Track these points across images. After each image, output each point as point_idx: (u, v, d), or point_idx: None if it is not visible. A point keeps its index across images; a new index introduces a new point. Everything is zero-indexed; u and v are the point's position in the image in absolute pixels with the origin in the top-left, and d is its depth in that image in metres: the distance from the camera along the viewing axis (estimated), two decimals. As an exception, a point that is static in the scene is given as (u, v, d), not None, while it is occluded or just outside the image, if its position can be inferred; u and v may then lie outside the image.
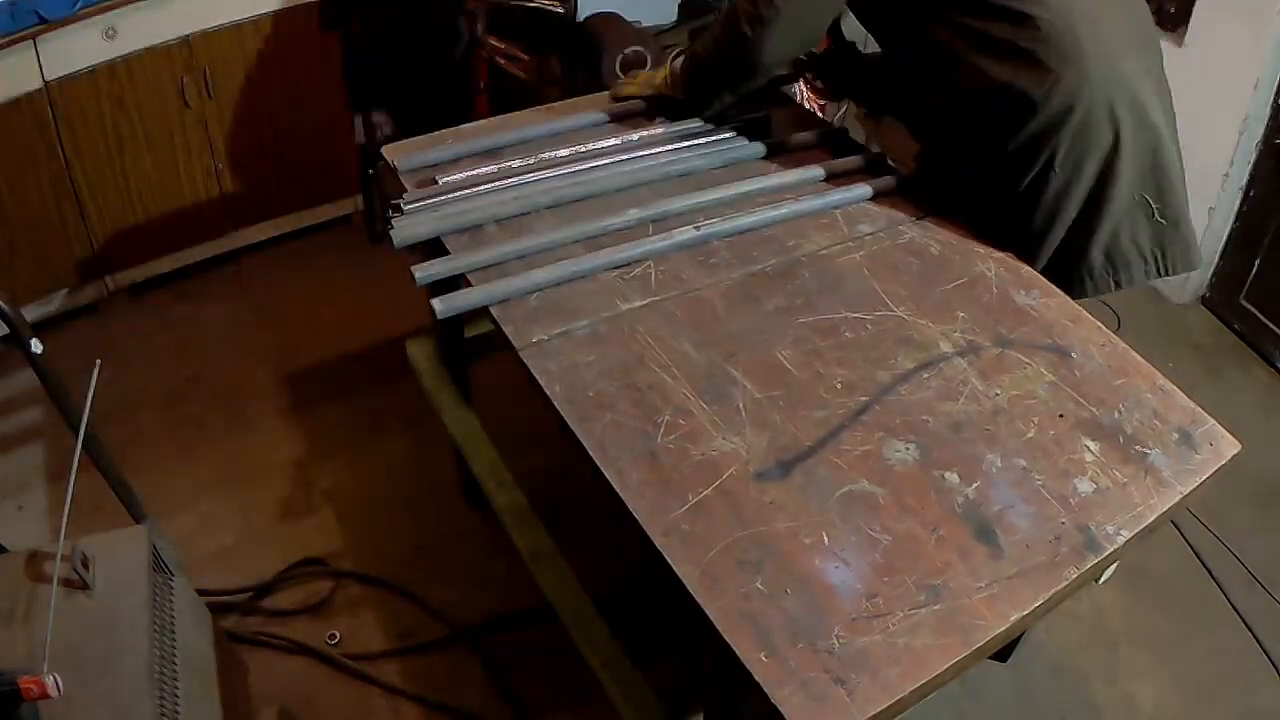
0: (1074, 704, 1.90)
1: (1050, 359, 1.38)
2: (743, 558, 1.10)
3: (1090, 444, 1.27)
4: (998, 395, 1.32)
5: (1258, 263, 2.68)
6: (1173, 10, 2.57)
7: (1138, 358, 1.41)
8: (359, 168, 2.83)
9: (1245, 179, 2.63)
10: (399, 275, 1.47)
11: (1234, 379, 2.65)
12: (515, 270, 1.46)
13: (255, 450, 2.31)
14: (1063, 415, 1.30)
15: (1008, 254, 1.56)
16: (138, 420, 2.35)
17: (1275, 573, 2.13)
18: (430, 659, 1.91)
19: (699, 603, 1.06)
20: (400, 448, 2.32)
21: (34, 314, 2.47)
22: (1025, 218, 1.53)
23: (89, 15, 2.18)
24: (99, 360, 1.31)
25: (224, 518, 2.15)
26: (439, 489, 2.21)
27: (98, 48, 2.25)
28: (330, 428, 2.36)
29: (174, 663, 1.32)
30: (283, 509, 2.18)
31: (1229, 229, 2.72)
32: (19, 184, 2.30)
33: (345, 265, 2.84)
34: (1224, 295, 2.80)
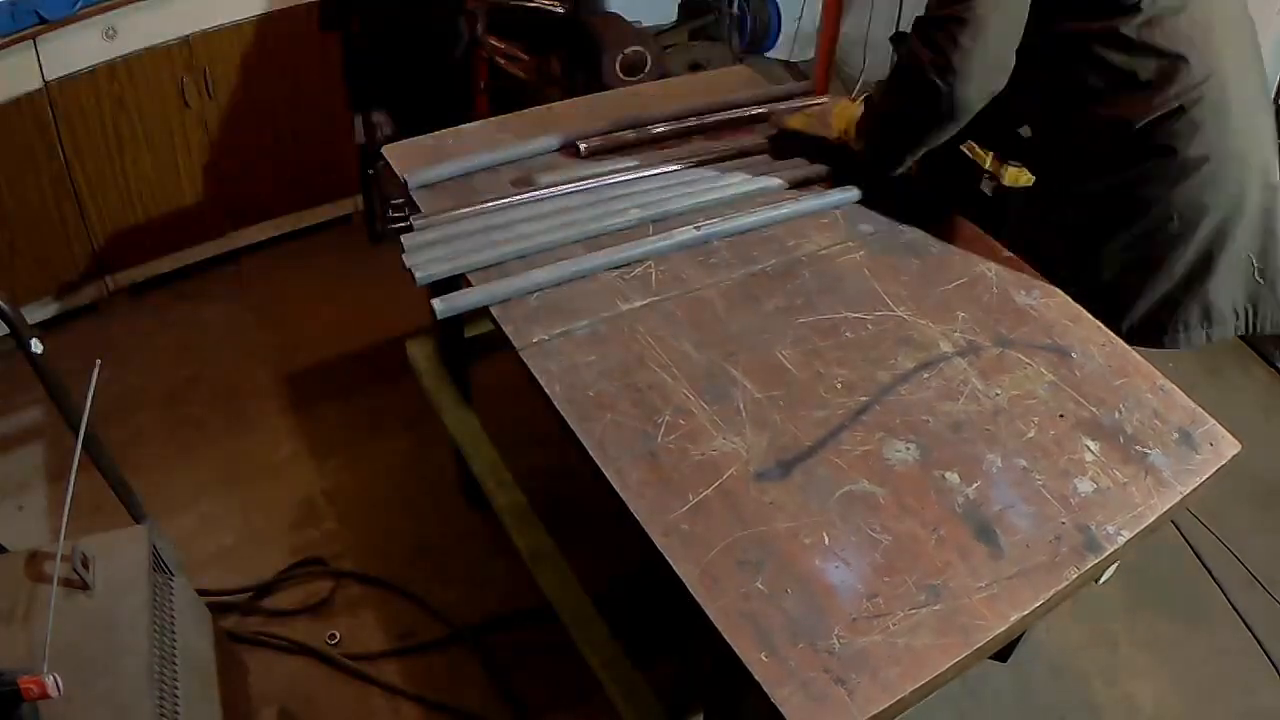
0: (1074, 704, 1.90)
1: (1050, 359, 1.38)
2: (743, 558, 1.10)
3: (1090, 444, 1.27)
4: (998, 395, 1.32)
5: (1258, 263, 2.67)
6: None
7: (1138, 357, 1.40)
8: (359, 168, 2.83)
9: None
10: (399, 275, 1.47)
11: (1234, 379, 2.65)
12: (515, 270, 1.46)
13: (255, 450, 2.31)
14: (1063, 415, 1.30)
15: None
16: (138, 420, 2.35)
17: (1275, 573, 2.13)
18: (430, 659, 1.91)
19: (699, 603, 1.06)
20: (400, 448, 2.32)
21: (34, 314, 2.47)
22: (1130, 265, 1.47)
23: (89, 15, 2.18)
24: (99, 360, 1.31)
25: (224, 518, 2.15)
26: (439, 489, 2.21)
27: (98, 48, 2.25)
28: (330, 428, 2.36)
29: (174, 663, 1.32)
30: (282, 509, 2.17)
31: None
32: (19, 184, 2.29)
33: (345, 265, 2.83)
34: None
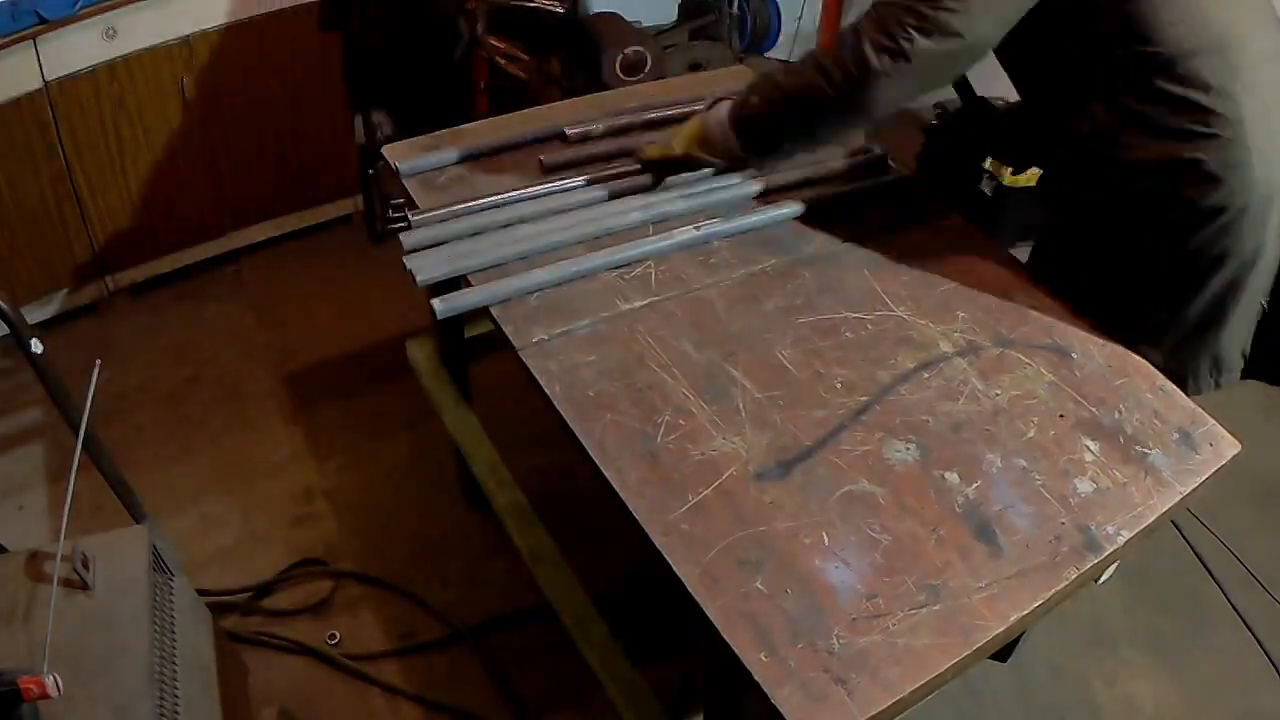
0: (1074, 704, 1.90)
1: (1050, 359, 1.38)
2: (743, 558, 1.10)
3: (1090, 444, 1.27)
4: (998, 395, 1.32)
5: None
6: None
7: (1138, 358, 1.40)
8: (359, 168, 2.83)
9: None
10: (399, 275, 1.47)
11: (1234, 379, 2.65)
12: (515, 270, 1.46)
13: (255, 450, 2.31)
14: (1063, 415, 1.30)
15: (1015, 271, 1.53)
16: (138, 420, 2.35)
17: (1275, 573, 2.13)
18: (430, 659, 1.91)
19: (699, 603, 1.06)
20: (400, 448, 2.32)
21: (34, 314, 2.47)
22: (1144, 310, 1.44)
23: (89, 15, 2.18)
24: (99, 360, 1.31)
25: (224, 518, 2.15)
26: (439, 489, 2.21)
27: (98, 48, 2.25)
28: (330, 428, 2.37)
29: (174, 663, 1.32)
30: (282, 509, 2.18)
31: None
32: (19, 184, 2.30)
33: (345, 265, 2.84)
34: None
